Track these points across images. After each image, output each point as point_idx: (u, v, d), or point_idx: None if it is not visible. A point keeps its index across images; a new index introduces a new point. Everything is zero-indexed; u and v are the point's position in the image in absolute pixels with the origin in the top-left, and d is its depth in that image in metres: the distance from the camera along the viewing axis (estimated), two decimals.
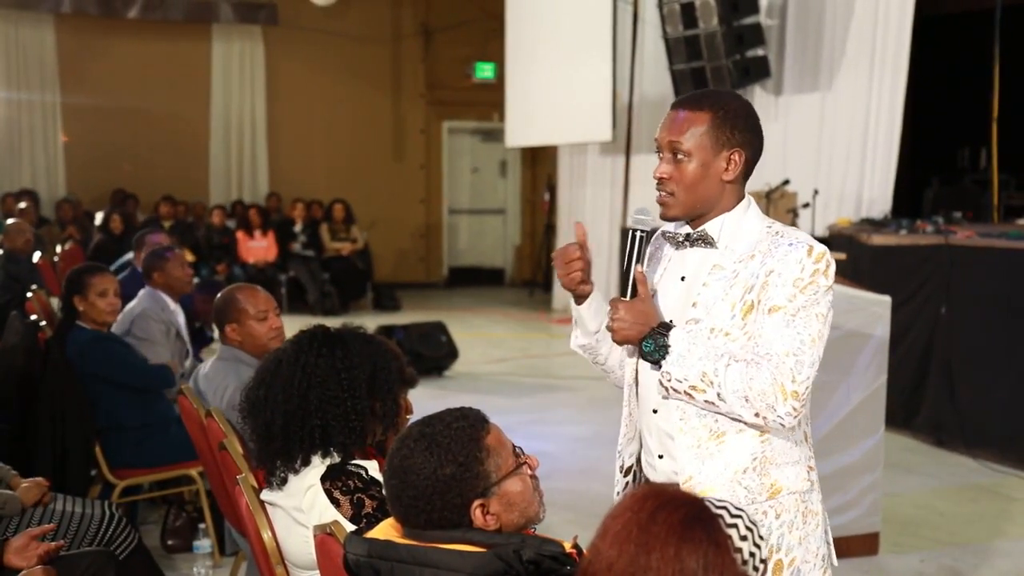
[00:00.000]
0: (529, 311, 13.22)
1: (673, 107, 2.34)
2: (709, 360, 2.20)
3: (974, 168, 10.98)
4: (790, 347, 2.18)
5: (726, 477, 2.28)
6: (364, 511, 2.47)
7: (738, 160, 2.28)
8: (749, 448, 2.28)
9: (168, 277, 5.39)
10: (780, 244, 2.24)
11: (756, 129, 2.33)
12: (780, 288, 2.20)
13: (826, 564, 2.38)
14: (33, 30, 13.69)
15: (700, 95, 2.35)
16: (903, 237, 7.16)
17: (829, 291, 2.23)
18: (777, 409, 2.17)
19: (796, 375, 2.17)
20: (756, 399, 2.17)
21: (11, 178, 13.66)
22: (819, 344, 2.21)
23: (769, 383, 2.16)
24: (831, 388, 4.71)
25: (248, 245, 13.01)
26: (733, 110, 2.29)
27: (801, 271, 2.20)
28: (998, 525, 5.34)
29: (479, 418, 2.09)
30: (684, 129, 2.27)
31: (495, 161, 16.20)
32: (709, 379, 2.20)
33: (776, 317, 2.20)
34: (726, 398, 2.19)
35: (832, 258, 2.26)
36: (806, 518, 2.32)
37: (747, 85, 9.23)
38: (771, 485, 2.29)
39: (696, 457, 2.29)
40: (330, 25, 14.53)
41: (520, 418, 7.29)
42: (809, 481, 2.34)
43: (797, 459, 2.32)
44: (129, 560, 3.54)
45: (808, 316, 2.20)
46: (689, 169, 2.27)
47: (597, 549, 1.54)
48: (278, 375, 2.65)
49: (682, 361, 2.21)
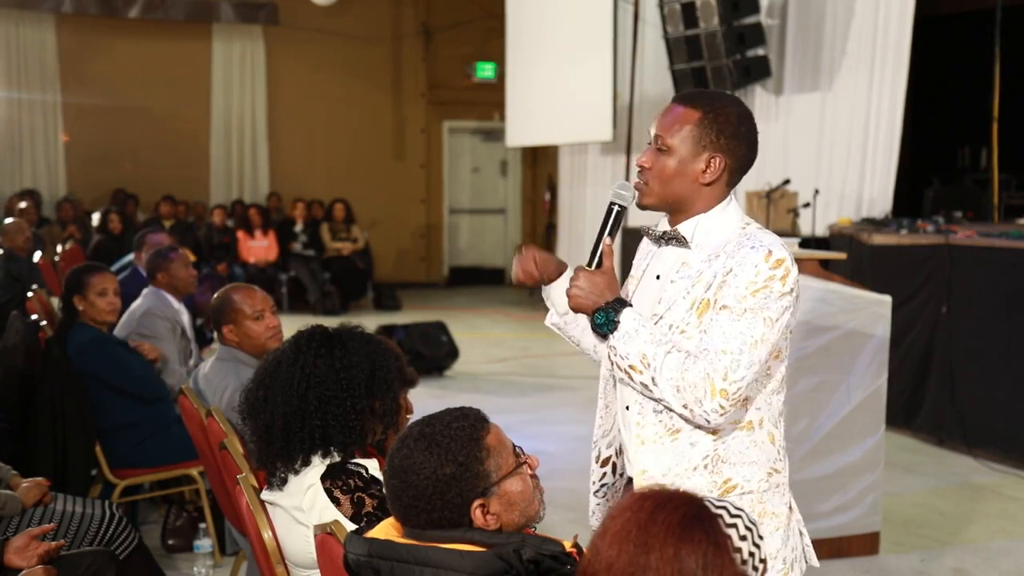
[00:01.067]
0: (529, 311, 13.21)
1: (673, 100, 2.34)
2: (651, 344, 2.21)
3: (975, 168, 10.98)
4: (729, 346, 2.17)
5: (676, 472, 2.29)
6: (364, 510, 2.47)
7: (717, 165, 2.27)
8: (702, 446, 2.28)
9: (172, 277, 5.39)
10: (744, 245, 2.23)
11: (747, 140, 2.31)
12: (733, 288, 2.20)
13: (786, 566, 2.35)
14: (34, 29, 13.69)
15: (698, 93, 2.35)
16: (904, 237, 7.16)
17: (784, 297, 2.22)
18: (704, 404, 2.17)
19: (730, 373, 2.16)
20: (686, 390, 2.17)
21: (12, 178, 13.67)
22: (761, 347, 2.18)
23: (701, 377, 2.16)
24: (831, 388, 4.72)
25: (249, 245, 13.01)
26: (725, 114, 2.28)
27: (756, 275, 2.20)
28: (999, 524, 5.34)
29: (479, 418, 2.09)
30: (671, 124, 2.28)
31: (496, 161, 16.20)
32: (647, 361, 2.20)
33: (723, 315, 2.20)
34: (659, 383, 2.20)
35: (793, 265, 2.24)
36: (762, 519, 2.29)
37: (747, 85, 9.23)
38: (723, 483, 2.28)
39: (650, 451, 2.31)
40: (331, 25, 14.53)
41: (520, 418, 7.29)
42: (769, 483, 2.32)
43: (755, 460, 2.31)
44: (129, 560, 3.54)
45: (754, 319, 2.18)
46: (667, 164, 2.28)
47: (596, 549, 1.54)
48: (277, 376, 2.65)
49: (627, 339, 2.22)
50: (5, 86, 13.67)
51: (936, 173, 10.78)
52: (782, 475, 2.36)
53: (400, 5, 15.41)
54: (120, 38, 14.11)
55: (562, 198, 13.28)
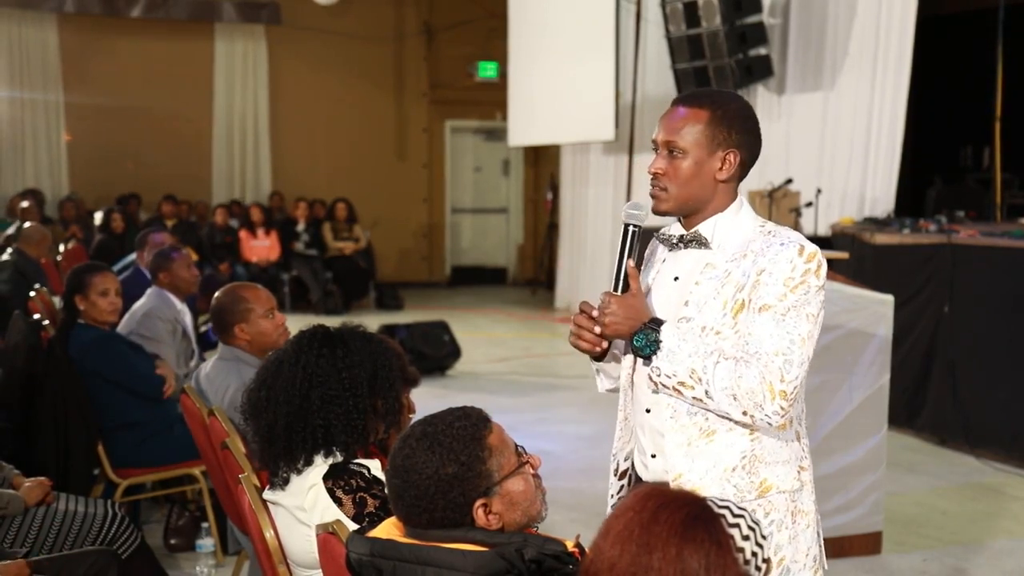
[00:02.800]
0: (532, 310, 13.21)
1: (674, 103, 2.35)
2: (698, 357, 2.20)
3: (977, 167, 10.97)
4: (779, 346, 2.17)
5: (714, 475, 2.28)
6: (366, 510, 2.46)
7: (733, 160, 2.29)
8: (739, 446, 2.28)
9: (174, 277, 5.39)
10: (772, 243, 2.24)
11: (754, 131, 2.34)
12: (771, 287, 2.20)
13: (817, 565, 2.37)
14: (36, 29, 13.70)
15: (701, 93, 2.36)
16: (906, 236, 7.15)
17: (820, 291, 2.23)
18: (765, 408, 2.17)
19: (785, 374, 2.17)
20: (744, 397, 2.17)
21: (14, 177, 13.68)
22: (808, 344, 2.20)
23: (757, 382, 2.16)
24: (834, 387, 4.71)
25: (251, 244, 13.02)
26: (732, 110, 2.30)
27: (792, 270, 2.20)
28: (1001, 524, 5.33)
29: (481, 417, 2.09)
30: (681, 126, 2.28)
31: (498, 160, 16.19)
32: (698, 376, 2.20)
33: (766, 316, 2.20)
34: (714, 395, 2.19)
35: (823, 258, 2.26)
36: (795, 517, 2.32)
37: (750, 84, 9.22)
38: (760, 484, 2.29)
39: (686, 455, 2.30)
40: (333, 24, 14.53)
41: (522, 417, 7.29)
42: (800, 481, 2.34)
43: (787, 458, 2.32)
44: (132, 559, 3.55)
45: (798, 316, 2.19)
46: (683, 166, 2.28)
47: (599, 548, 1.54)
48: (279, 376, 2.64)
49: (672, 356, 2.22)
50: (7, 86, 13.67)
51: (939, 172, 10.77)
52: (808, 473, 2.38)
53: (402, 5, 15.41)
54: (122, 38, 14.12)
55: (564, 198, 13.27)
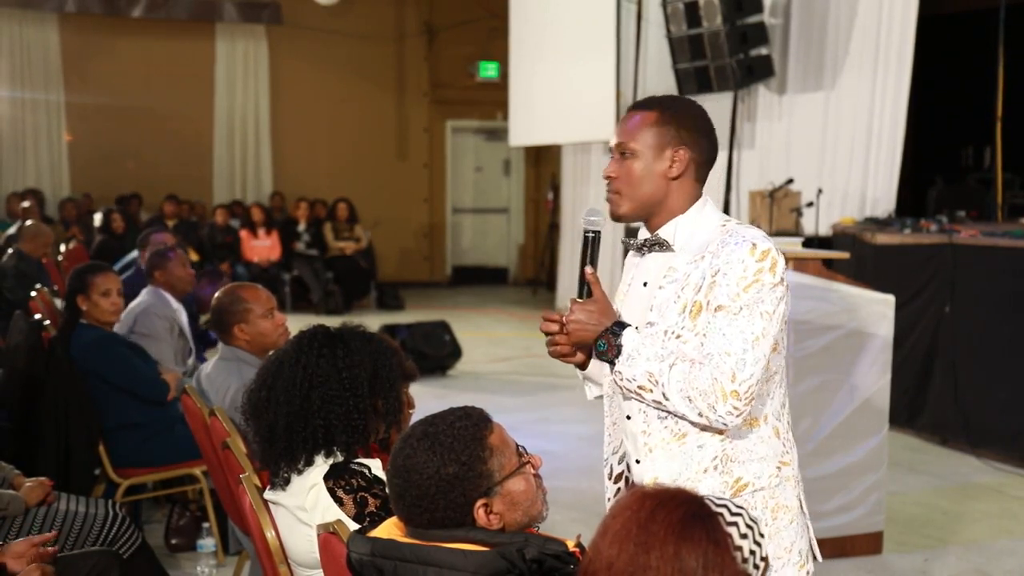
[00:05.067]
0: (532, 310, 13.21)
1: (629, 110, 2.39)
2: (656, 360, 2.21)
3: (978, 167, 10.95)
4: (732, 347, 2.18)
5: (687, 477, 2.29)
6: (367, 510, 2.47)
7: (682, 157, 2.30)
8: (710, 447, 2.29)
9: (170, 276, 5.40)
10: (727, 243, 2.24)
11: (704, 131, 2.35)
12: (724, 287, 2.21)
13: (803, 559, 2.38)
14: (37, 29, 13.70)
15: (651, 98, 2.40)
16: (907, 236, 7.15)
17: (776, 287, 2.22)
18: (718, 409, 2.17)
19: (737, 374, 2.16)
20: (698, 399, 2.18)
21: (15, 177, 13.69)
22: (764, 342, 2.19)
23: (709, 383, 2.17)
24: (834, 387, 4.71)
25: (252, 244, 13.02)
26: (680, 111, 2.34)
27: (744, 270, 2.20)
28: (1002, 524, 5.33)
29: (482, 417, 2.09)
30: (632, 129, 2.32)
31: (499, 160, 16.19)
32: (655, 379, 2.21)
33: (720, 316, 2.20)
34: (670, 398, 2.21)
35: (779, 254, 2.24)
36: (775, 514, 2.32)
37: (751, 84, 9.22)
38: (735, 483, 2.29)
39: (661, 458, 2.32)
40: (334, 24, 14.54)
41: (523, 417, 7.29)
42: (780, 477, 2.34)
43: (764, 455, 2.32)
44: (133, 559, 3.54)
45: (751, 315, 2.19)
46: (634, 167, 2.31)
47: (597, 548, 1.54)
48: (279, 376, 2.64)
49: (631, 361, 2.23)
50: (9, 86, 13.68)
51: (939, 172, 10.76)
52: (791, 468, 2.37)
53: (403, 4, 15.41)
54: (123, 37, 14.12)
55: (565, 197, 13.27)
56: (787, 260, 4.71)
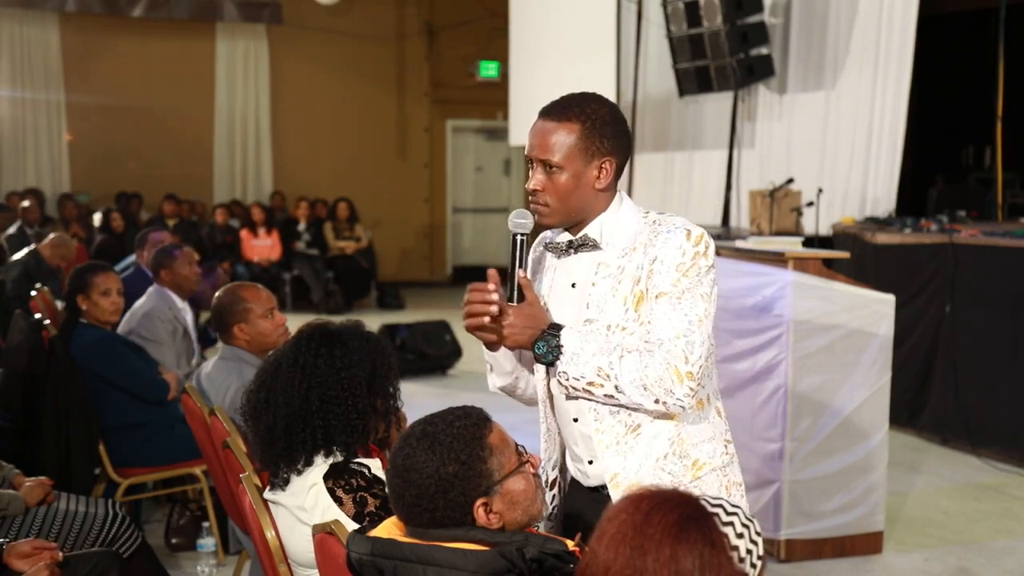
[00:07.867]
0: None
1: (540, 115, 2.33)
2: (603, 355, 2.23)
3: (979, 167, 10.96)
4: (679, 329, 2.21)
5: (648, 467, 2.32)
6: (367, 510, 2.46)
7: (609, 168, 2.31)
8: (665, 434, 2.32)
9: (176, 275, 5.40)
10: (660, 232, 2.28)
11: (624, 132, 2.35)
12: (664, 274, 2.24)
13: None
14: (37, 28, 13.70)
15: (566, 104, 2.32)
16: (907, 236, 7.14)
17: (711, 270, 2.27)
18: (675, 392, 2.20)
19: (688, 355, 2.20)
20: (654, 386, 2.20)
21: (16, 177, 13.69)
22: (707, 322, 2.24)
23: (663, 368, 2.19)
24: (835, 387, 4.71)
25: (252, 244, 13.02)
26: (601, 118, 2.30)
27: (682, 255, 2.24)
28: (1002, 524, 5.33)
29: (482, 417, 2.09)
30: (553, 142, 2.28)
31: (499, 160, 16.19)
32: (605, 373, 2.22)
33: (663, 302, 2.23)
34: (624, 389, 2.22)
35: (710, 239, 2.29)
36: (729, 491, 2.38)
37: (751, 84, 9.21)
38: (693, 464, 2.33)
39: (617, 453, 2.33)
40: (334, 24, 14.54)
41: (523, 417, 7.24)
42: (728, 454, 2.40)
43: (712, 435, 2.38)
44: (133, 559, 3.54)
45: (693, 297, 2.23)
46: (561, 180, 2.29)
47: (593, 552, 1.54)
48: (278, 377, 2.64)
49: (576, 359, 2.24)
50: (9, 85, 13.68)
51: (940, 172, 10.77)
52: (732, 446, 2.44)
53: (404, 4, 15.41)
54: (124, 37, 14.12)
55: None
56: (787, 260, 4.73)
